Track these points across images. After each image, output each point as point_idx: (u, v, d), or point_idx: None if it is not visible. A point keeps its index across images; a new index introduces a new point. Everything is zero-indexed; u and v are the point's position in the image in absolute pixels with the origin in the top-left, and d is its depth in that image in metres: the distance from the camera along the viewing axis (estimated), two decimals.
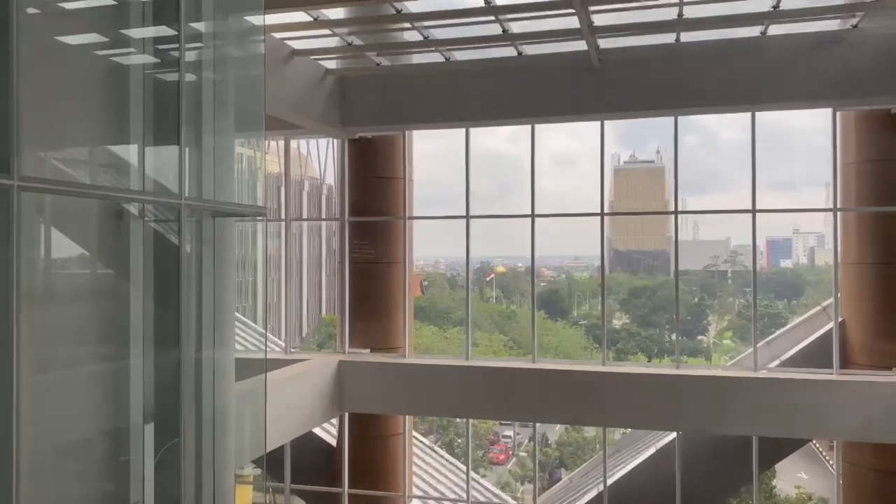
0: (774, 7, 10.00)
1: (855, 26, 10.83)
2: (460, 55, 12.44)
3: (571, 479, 18.19)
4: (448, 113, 12.86)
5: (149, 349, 5.74)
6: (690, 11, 10.32)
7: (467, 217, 13.31)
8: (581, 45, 11.27)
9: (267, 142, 21.94)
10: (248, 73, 7.67)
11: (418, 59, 13.05)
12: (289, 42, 11.66)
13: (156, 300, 5.86)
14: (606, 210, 12.91)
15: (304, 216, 38.75)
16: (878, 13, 10.60)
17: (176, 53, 6.04)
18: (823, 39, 11.16)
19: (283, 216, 14.60)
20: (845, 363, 11.95)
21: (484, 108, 12.66)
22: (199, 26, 6.91)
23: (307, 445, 14.13)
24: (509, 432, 36.09)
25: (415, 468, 15.86)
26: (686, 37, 11.36)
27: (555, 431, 34.71)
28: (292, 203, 15.30)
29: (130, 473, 5.54)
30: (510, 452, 35.24)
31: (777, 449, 13.60)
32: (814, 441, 23.19)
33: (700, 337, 43.86)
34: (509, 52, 11.98)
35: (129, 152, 5.87)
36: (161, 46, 6.35)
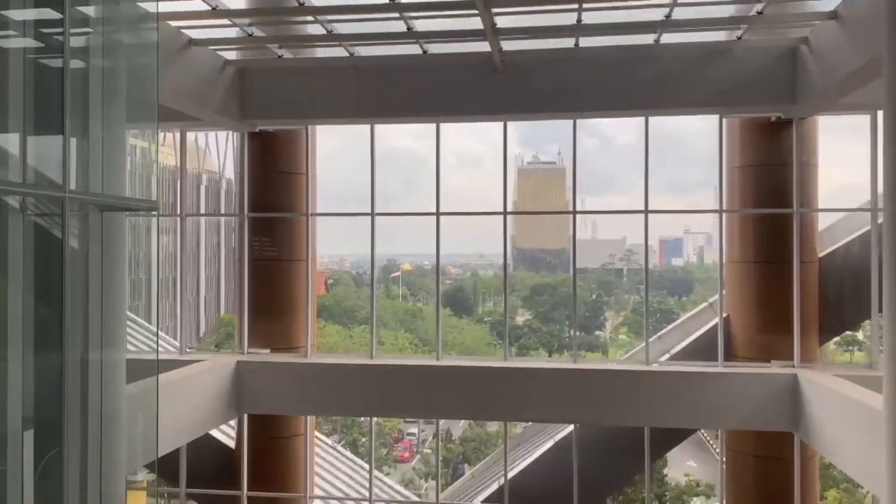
0: (667, 17, 10.48)
1: (740, 38, 11.49)
2: (365, 51, 12.36)
3: (473, 474, 18.45)
4: (352, 109, 12.75)
5: (29, 350, 5.41)
6: (589, 17, 10.65)
7: (372, 214, 13.24)
8: (484, 46, 11.43)
9: (162, 134, 21.08)
10: (141, 62, 7.36)
11: (322, 52, 12.88)
12: (186, 31, 11.24)
13: (37, 298, 5.54)
14: (510, 209, 13.14)
15: (202, 211, 37.50)
16: (760, 27, 11.30)
17: (61, 38, 5.72)
18: (711, 50, 11.78)
19: (178, 211, 14.05)
20: (729, 356, 12.67)
21: (388, 105, 12.64)
22: (87, 10, 6.57)
23: (205, 448, 13.69)
24: (414, 430, 36.20)
25: (317, 468, 15.65)
26: (585, 42, 11.73)
27: (458, 427, 35.09)
28: (189, 198, 14.76)
29: (7, 484, 5.19)
30: (414, 450, 35.38)
31: (668, 439, 14.26)
32: (701, 430, 24.50)
33: (598, 332, 45.40)
34: (414, 49, 12.00)
35: (9, 142, 5.53)
36: (44, 30, 6.00)
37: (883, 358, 6.91)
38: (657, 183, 13.32)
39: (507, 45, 11.68)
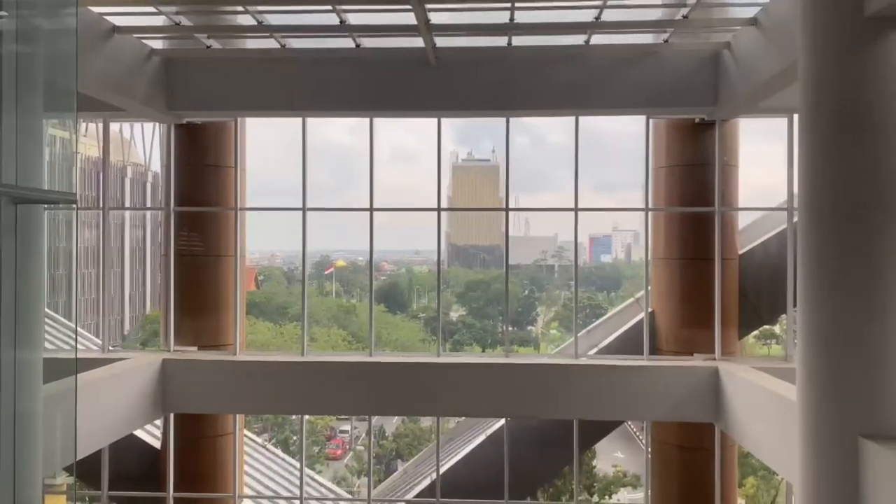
0: (597, 18, 10.70)
1: (666, 41, 11.83)
2: (297, 43, 12.18)
3: (406, 470, 18.47)
4: (283, 102, 12.54)
5: None
6: (521, 16, 10.78)
7: (304, 209, 13.07)
8: (418, 42, 11.43)
9: (84, 124, 20.27)
10: (59, 48, 7.05)
11: (252, 44, 12.62)
12: (109, 18, 10.83)
13: None
14: (445, 206, 13.20)
15: (126, 205, 36.26)
16: (685, 31, 11.66)
17: None
18: (639, 52, 12.09)
19: (101, 205, 13.55)
20: (654, 350, 13.06)
21: (320, 98, 12.49)
22: None
23: (129, 449, 13.26)
24: (347, 427, 35.98)
25: (247, 468, 15.38)
26: (518, 41, 11.87)
27: (392, 424, 35.05)
28: (113, 191, 14.24)
29: None
30: (347, 447, 35.17)
31: (596, 431, 14.61)
32: (628, 422, 25.15)
33: (530, 328, 46.11)
34: (347, 43, 11.90)
35: None
36: None
37: (797, 351, 7.25)
38: (588, 181, 13.62)
39: (442, 42, 11.71)
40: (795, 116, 10.94)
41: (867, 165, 6.68)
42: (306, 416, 15.02)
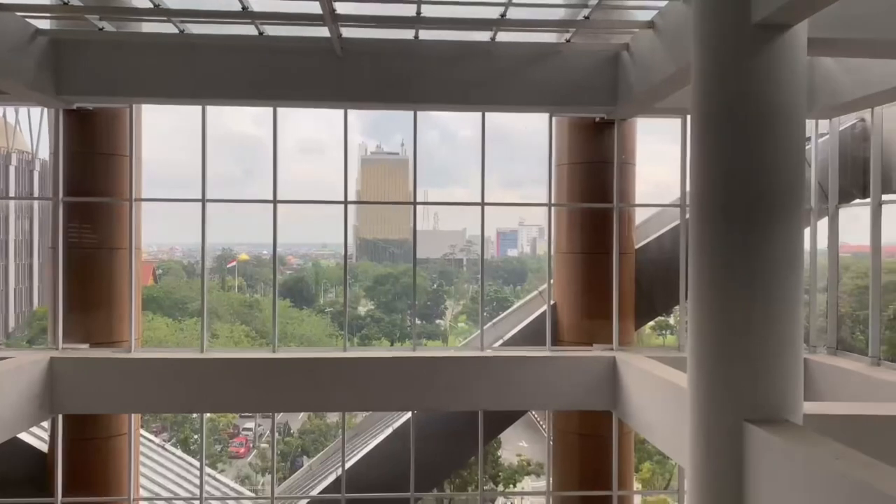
0: (502, 16, 10.84)
1: (569, 41, 12.13)
2: (196, 28, 11.73)
3: (311, 467, 18.23)
4: (181, 89, 12.06)
5: None
6: (428, 10, 10.79)
7: (203, 200, 12.64)
8: (324, 32, 11.25)
9: None
10: None
11: (148, 27, 12.07)
12: None
13: None
14: (353, 199, 13.07)
15: (11, 194, 34.02)
16: (587, 31, 11.99)
17: None
18: (543, 51, 12.32)
19: None
20: (556, 341, 13.41)
21: (222, 86, 12.08)
22: None
23: (13, 453, 12.46)
24: (250, 424, 35.15)
25: (143, 469, 14.80)
26: (425, 34, 11.86)
27: (297, 420, 34.51)
28: None
29: None
30: (251, 445, 34.38)
31: (501, 421, 14.86)
32: (532, 412, 25.75)
33: (438, 321, 46.42)
34: (250, 30, 11.57)
35: None
36: None
37: (688, 340, 7.61)
38: (495, 177, 13.80)
39: (348, 33, 11.57)
40: (689, 117, 11.44)
41: (752, 167, 7.05)
42: (207, 415, 14.57)
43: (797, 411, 7.05)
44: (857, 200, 12.80)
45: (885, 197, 11.98)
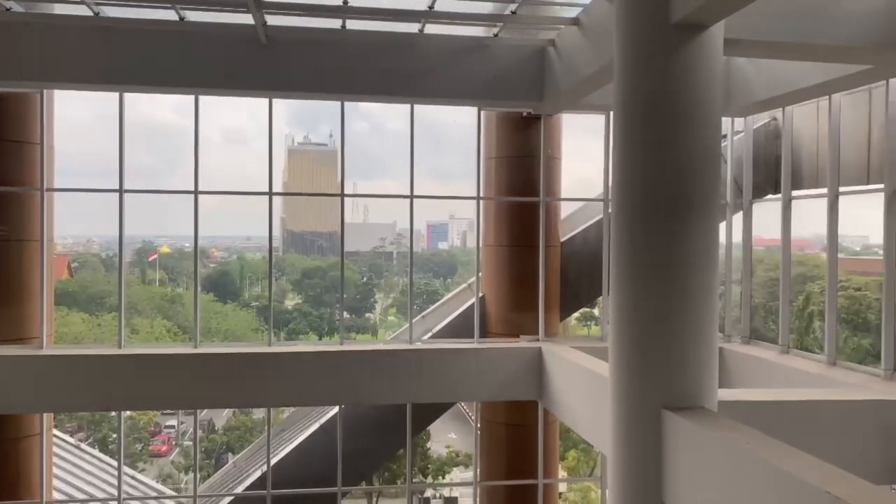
0: (430, 7, 10.82)
1: (497, 35, 12.21)
2: (112, 12, 11.26)
3: (236, 463, 17.86)
4: (97, 74, 11.54)
5: None
6: (355, 0, 10.67)
7: (120, 191, 12.17)
8: (248, 19, 10.97)
9: None
10: None
11: (60, 9, 11.49)
12: None
13: None
14: (280, 190, 12.82)
15: None
16: (514, 25, 12.09)
17: None
18: (471, 44, 12.35)
19: None
20: (485, 333, 13.54)
21: (140, 72, 11.62)
22: None
23: None
24: (173, 422, 34.17)
25: (57, 471, 14.18)
26: (352, 24, 11.72)
27: (222, 417, 33.74)
28: None
29: None
30: (173, 443, 33.45)
31: (429, 413, 14.91)
32: (461, 403, 25.93)
33: (368, 314, 46.16)
34: (170, 15, 11.17)
35: None
36: None
37: (609, 331, 7.80)
38: (426, 170, 13.81)
39: (273, 21, 11.32)
40: (612, 114, 11.71)
41: (671, 163, 7.27)
42: (126, 413, 14.07)
43: (712, 398, 7.34)
44: (770, 196, 13.40)
45: (794, 193, 12.58)
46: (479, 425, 14.09)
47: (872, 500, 5.00)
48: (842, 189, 11.48)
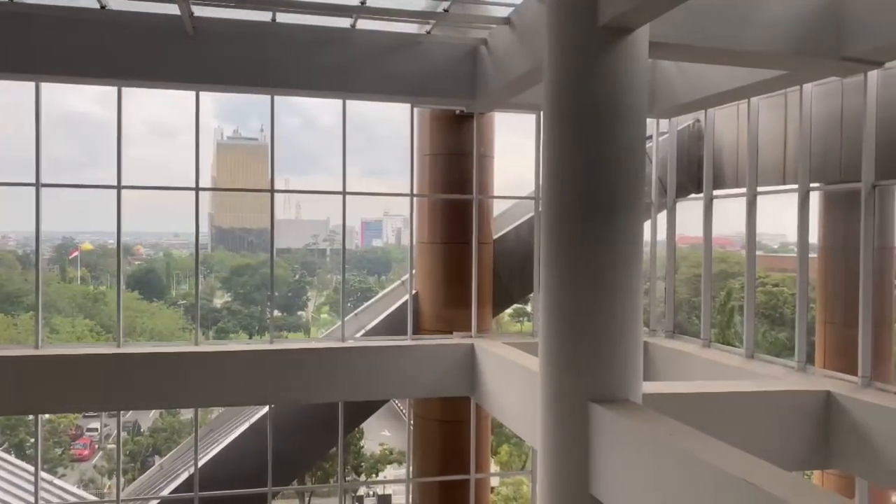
0: (362, 3, 10.74)
1: (429, 33, 12.22)
2: None
3: (162, 466, 17.37)
4: (12, 62, 10.99)
5: None
6: None
7: (37, 185, 11.64)
8: (174, 9, 10.66)
9: None
10: None
11: None
12: None
13: None
14: (209, 185, 12.51)
15: None
16: (447, 23, 12.12)
17: None
18: (404, 41, 12.32)
19: None
20: (418, 329, 13.56)
21: (59, 62, 11.12)
22: None
23: None
24: (96, 424, 32.94)
25: None
26: (282, 17, 11.53)
27: (148, 418, 32.75)
28: None
29: None
30: (96, 446, 32.26)
31: (362, 411, 14.83)
32: (395, 400, 25.91)
33: (300, 312, 45.57)
34: (91, 3, 10.74)
35: None
36: None
37: (539, 326, 7.93)
38: (360, 166, 13.66)
39: (201, 11, 11.03)
40: (542, 113, 11.87)
41: (597, 162, 7.43)
42: (45, 416, 13.47)
43: (637, 391, 7.55)
44: (693, 195, 13.87)
45: (716, 192, 13.05)
46: (412, 422, 14.10)
47: (786, 486, 5.24)
48: (760, 189, 11.97)
